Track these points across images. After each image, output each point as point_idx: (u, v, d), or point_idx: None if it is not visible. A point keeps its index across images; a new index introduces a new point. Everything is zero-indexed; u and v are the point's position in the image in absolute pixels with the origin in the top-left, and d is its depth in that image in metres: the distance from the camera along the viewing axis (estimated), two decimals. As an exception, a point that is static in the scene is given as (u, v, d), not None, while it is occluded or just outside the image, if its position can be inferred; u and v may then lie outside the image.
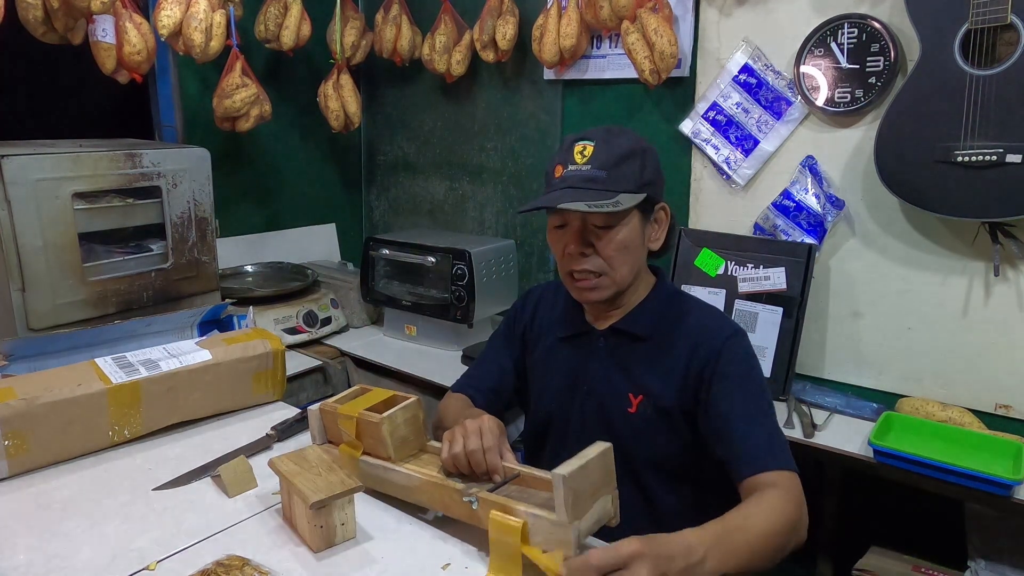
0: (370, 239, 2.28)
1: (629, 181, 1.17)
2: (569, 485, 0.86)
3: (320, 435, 1.20)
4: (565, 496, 0.86)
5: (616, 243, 1.19)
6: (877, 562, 1.62)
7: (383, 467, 1.09)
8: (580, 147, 1.20)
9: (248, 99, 2.13)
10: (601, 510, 0.93)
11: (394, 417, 1.08)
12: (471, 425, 1.06)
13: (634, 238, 1.21)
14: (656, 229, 1.26)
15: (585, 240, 1.20)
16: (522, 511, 0.91)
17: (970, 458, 1.43)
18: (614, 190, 1.16)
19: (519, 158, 2.40)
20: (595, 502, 0.92)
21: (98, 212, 1.71)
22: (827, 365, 1.85)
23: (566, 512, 0.86)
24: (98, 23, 1.80)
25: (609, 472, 0.94)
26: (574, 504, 0.87)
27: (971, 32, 1.45)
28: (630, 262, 1.22)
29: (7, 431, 1.16)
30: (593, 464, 0.90)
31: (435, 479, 1.04)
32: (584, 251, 1.20)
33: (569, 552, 0.88)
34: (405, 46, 2.39)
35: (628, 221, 1.19)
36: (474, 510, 0.98)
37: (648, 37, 1.85)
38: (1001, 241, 1.55)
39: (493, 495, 0.97)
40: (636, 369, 1.25)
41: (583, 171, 1.18)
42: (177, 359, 1.35)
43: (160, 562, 0.97)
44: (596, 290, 1.22)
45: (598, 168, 1.17)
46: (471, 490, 0.99)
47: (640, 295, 1.29)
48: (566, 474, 0.86)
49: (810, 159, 1.80)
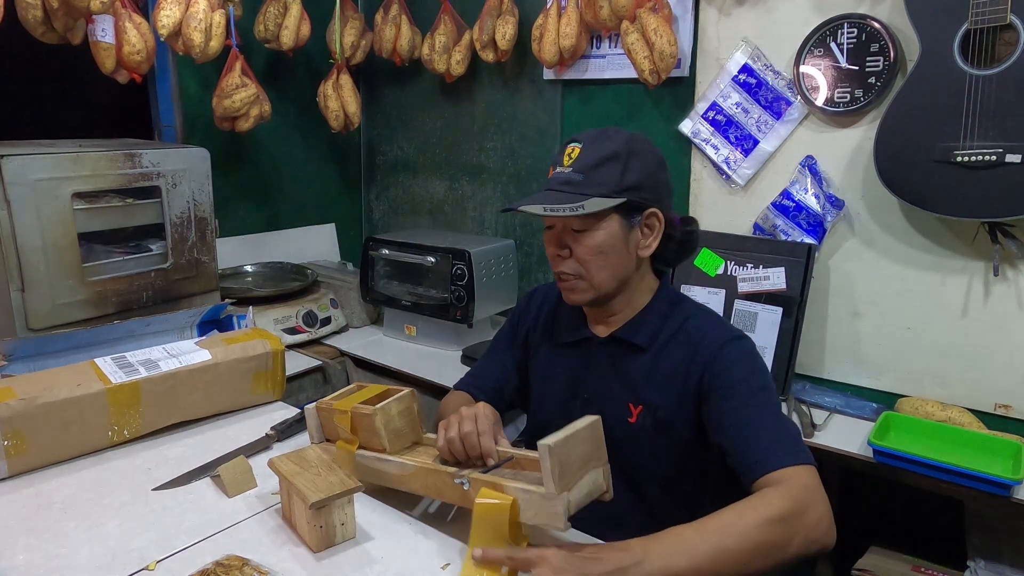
0: (370, 239, 2.28)
1: (606, 184, 1.16)
2: (555, 455, 0.85)
3: (317, 433, 1.20)
4: (552, 466, 0.85)
5: (588, 247, 1.18)
6: (877, 562, 1.62)
7: (377, 458, 1.10)
8: (570, 149, 1.20)
9: (248, 99, 2.13)
10: (592, 483, 0.92)
11: (388, 408, 1.09)
12: (466, 411, 1.07)
13: (612, 243, 1.18)
14: (647, 235, 1.22)
15: (562, 243, 1.21)
16: (511, 487, 0.91)
17: (970, 458, 1.43)
18: (586, 193, 1.16)
19: (519, 158, 2.40)
20: (585, 474, 0.91)
21: (98, 212, 1.71)
22: (827, 365, 1.85)
23: (554, 483, 0.86)
24: (98, 23, 1.80)
25: (599, 444, 0.93)
26: (561, 475, 0.86)
27: (971, 32, 1.46)
28: (609, 267, 1.20)
29: (7, 431, 1.16)
30: (581, 435, 0.90)
31: (428, 465, 1.04)
32: (560, 253, 1.22)
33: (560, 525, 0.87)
34: (405, 46, 2.39)
35: (604, 225, 1.18)
36: (466, 491, 0.97)
37: (648, 37, 1.85)
38: (1001, 241, 1.55)
39: (484, 476, 0.97)
40: (636, 379, 1.24)
41: (564, 174, 1.19)
42: (177, 359, 1.35)
43: (160, 562, 0.97)
44: (576, 292, 1.23)
45: (578, 171, 1.17)
46: (462, 472, 0.99)
47: (641, 301, 1.27)
48: (552, 444, 0.85)
49: (810, 159, 1.80)
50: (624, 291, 1.25)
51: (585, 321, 1.32)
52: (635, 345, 1.25)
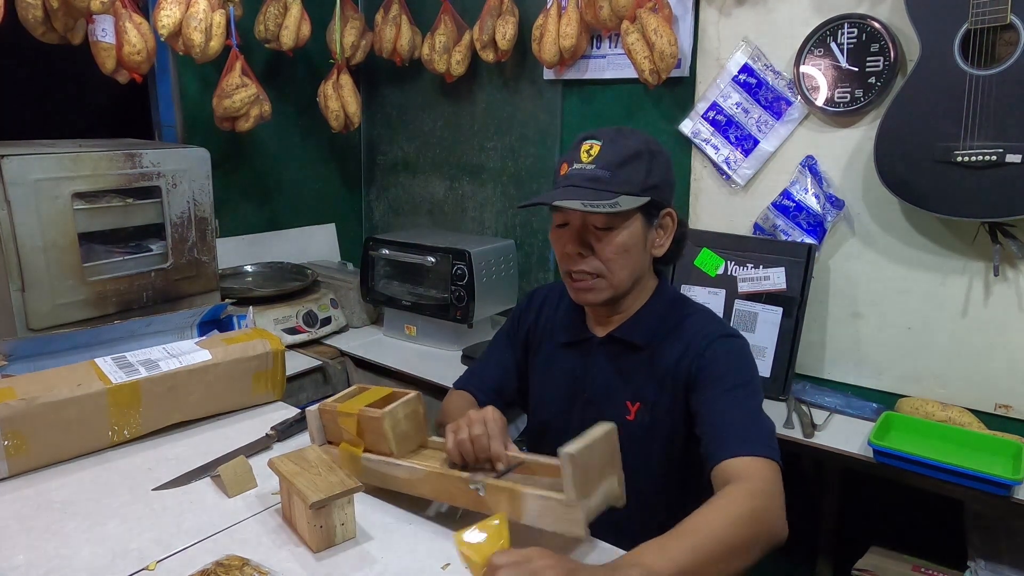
0: (370, 239, 2.28)
1: (632, 183, 1.16)
2: (576, 462, 0.86)
3: (319, 435, 1.20)
4: (573, 474, 0.86)
5: (615, 245, 1.18)
6: (877, 562, 1.62)
7: (385, 463, 1.09)
8: (587, 146, 1.19)
9: (248, 99, 2.13)
10: (608, 490, 0.93)
11: (395, 412, 1.08)
12: (475, 415, 1.07)
13: (635, 242, 1.19)
14: (661, 235, 1.24)
15: (584, 241, 1.19)
16: (529, 493, 0.91)
17: (970, 458, 1.43)
18: (615, 191, 1.15)
19: (519, 158, 2.40)
20: (603, 482, 0.92)
21: (98, 212, 1.71)
22: (827, 365, 1.85)
23: (574, 491, 0.86)
24: (98, 23, 1.80)
25: (614, 453, 0.94)
26: (582, 483, 0.87)
27: (971, 32, 1.45)
28: (629, 266, 1.20)
29: (7, 431, 1.16)
30: (598, 444, 0.90)
31: (439, 470, 1.04)
32: (582, 252, 1.20)
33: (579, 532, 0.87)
34: (405, 46, 2.39)
35: (629, 224, 1.18)
36: (481, 497, 0.98)
37: (648, 37, 1.85)
38: (1001, 241, 1.55)
39: (499, 481, 0.96)
40: (634, 377, 1.25)
41: (587, 170, 1.17)
42: (177, 359, 1.35)
43: (160, 562, 0.97)
44: (593, 292, 1.21)
45: (602, 168, 1.16)
46: (477, 478, 0.99)
47: (640, 300, 1.28)
48: (573, 452, 0.85)
49: (810, 159, 1.80)
50: (634, 290, 1.25)
51: (585, 321, 1.33)
52: (633, 344, 1.25)
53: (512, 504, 0.94)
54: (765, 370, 1.78)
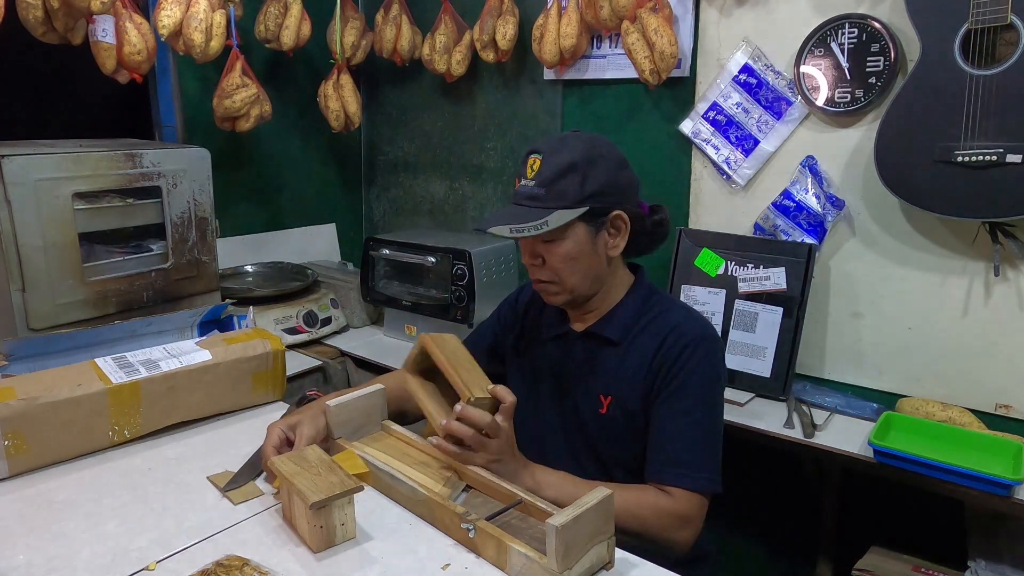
0: (370, 239, 2.28)
1: (567, 196, 1.20)
2: (562, 537, 0.86)
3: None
4: (557, 547, 0.87)
5: (559, 256, 1.23)
6: (877, 562, 1.62)
7: (390, 475, 1.11)
8: (531, 160, 1.24)
9: (248, 99, 2.13)
10: (596, 556, 0.93)
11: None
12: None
13: (581, 249, 1.23)
14: (614, 237, 1.27)
15: (535, 252, 1.26)
16: (515, 549, 0.92)
17: (970, 458, 1.43)
18: (550, 207, 1.20)
19: (519, 158, 2.39)
20: (590, 548, 0.92)
21: (98, 212, 1.71)
22: (827, 365, 1.85)
23: (556, 561, 0.87)
24: (98, 23, 1.80)
25: (608, 518, 0.94)
26: (565, 554, 0.88)
27: (971, 32, 1.45)
28: (580, 272, 1.25)
29: (7, 431, 1.16)
30: (590, 512, 0.90)
31: (439, 499, 1.04)
32: (533, 262, 1.27)
33: None
34: (405, 46, 2.39)
35: (571, 235, 1.22)
36: (471, 538, 0.98)
37: (648, 37, 1.85)
38: (1001, 241, 1.55)
39: (490, 526, 0.97)
40: (608, 371, 1.29)
41: (527, 188, 1.23)
42: (177, 359, 1.35)
43: (160, 562, 0.97)
44: (551, 295, 1.29)
45: (539, 184, 1.21)
46: (469, 517, 0.99)
47: (615, 297, 1.32)
48: (559, 525, 0.86)
49: (810, 159, 1.79)
50: (601, 290, 1.30)
51: (566, 317, 1.37)
52: (608, 339, 1.30)
53: (499, 552, 0.95)
54: (765, 370, 1.78)
